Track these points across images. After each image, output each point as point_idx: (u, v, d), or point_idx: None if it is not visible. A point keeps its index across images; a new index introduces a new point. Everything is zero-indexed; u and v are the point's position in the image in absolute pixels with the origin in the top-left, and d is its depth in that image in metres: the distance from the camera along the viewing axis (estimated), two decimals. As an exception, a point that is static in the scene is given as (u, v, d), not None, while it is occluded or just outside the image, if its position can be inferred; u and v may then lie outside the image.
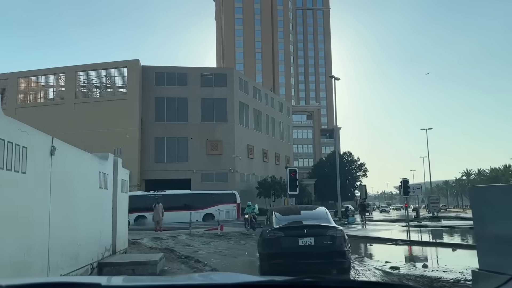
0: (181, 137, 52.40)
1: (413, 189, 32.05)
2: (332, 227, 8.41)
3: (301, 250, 7.88)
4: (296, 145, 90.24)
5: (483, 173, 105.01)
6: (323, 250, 7.93)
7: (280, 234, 8.18)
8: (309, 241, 7.94)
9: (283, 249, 7.98)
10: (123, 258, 9.41)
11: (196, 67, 55.51)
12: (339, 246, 8.00)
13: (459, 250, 13.11)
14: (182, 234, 17.53)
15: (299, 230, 8.23)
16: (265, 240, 8.37)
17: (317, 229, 8.25)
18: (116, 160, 10.04)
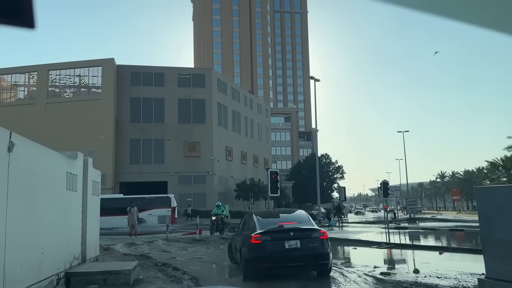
0: (158, 138, 51.22)
1: (392, 190, 32.11)
2: (316, 229, 8.55)
3: (287, 253, 7.93)
4: (274, 147, 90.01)
5: (457, 175, 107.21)
6: (308, 252, 8.04)
7: (266, 238, 8.13)
8: (295, 244, 8.00)
9: (270, 252, 7.96)
10: (94, 266, 8.60)
11: (174, 67, 54.49)
12: (323, 249, 8.18)
13: (446, 253, 12.80)
14: (158, 239, 16.69)
15: (286, 233, 8.23)
16: (251, 244, 8.21)
17: (302, 232, 8.32)
18: (86, 160, 9.22)
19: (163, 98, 51.91)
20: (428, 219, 46.84)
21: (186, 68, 57.51)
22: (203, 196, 50.44)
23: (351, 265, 10.23)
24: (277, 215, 10.43)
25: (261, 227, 8.48)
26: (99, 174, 10.43)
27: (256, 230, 8.48)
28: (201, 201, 49.80)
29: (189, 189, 51.02)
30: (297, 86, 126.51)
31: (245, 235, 9.12)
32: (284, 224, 8.71)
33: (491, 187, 6.27)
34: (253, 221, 9.03)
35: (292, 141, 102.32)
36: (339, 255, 13.43)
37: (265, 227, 8.46)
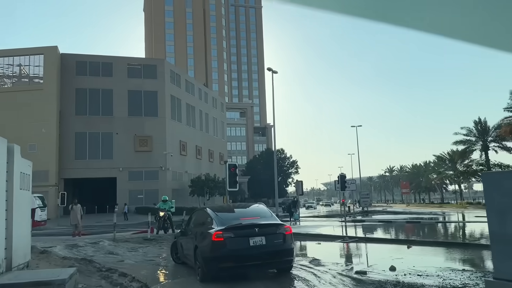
0: (106, 132, 48.42)
1: (348, 184, 31.98)
2: (281, 224, 8.03)
3: (252, 251, 7.39)
4: (229, 142, 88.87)
5: (405, 169, 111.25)
6: (273, 249, 7.56)
7: (229, 234, 7.43)
8: (260, 240, 7.47)
9: (233, 251, 7.34)
10: (20, 276, 7.07)
11: (123, 56, 51.58)
12: (288, 244, 7.76)
13: (413, 247, 12.29)
14: (105, 239, 15.05)
15: (250, 229, 7.60)
16: (212, 242, 7.47)
17: (267, 228, 7.75)
18: (11, 147, 7.62)
19: (111, 89, 49.10)
20: (380, 211, 47.75)
21: (137, 58, 54.77)
22: (155, 193, 48.26)
23: (320, 263, 9.34)
24: (236, 209, 9.62)
25: (222, 223, 7.74)
26: (30, 166, 8.80)
27: (215, 226, 7.74)
28: (153, 198, 47.61)
29: (140, 186, 48.75)
30: (252, 81, 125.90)
31: (201, 232, 8.23)
32: (246, 219, 8.05)
33: (503, 172, 5.42)
34: (210, 217, 8.29)
35: (247, 136, 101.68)
36: (305, 251, 12.55)
37: (226, 223, 7.74)
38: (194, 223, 9.31)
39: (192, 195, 51.10)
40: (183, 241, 9.52)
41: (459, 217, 28.67)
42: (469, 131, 49.86)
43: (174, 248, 10.40)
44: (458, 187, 65.17)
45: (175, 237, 10.93)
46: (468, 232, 17.46)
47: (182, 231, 9.96)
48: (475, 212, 35.00)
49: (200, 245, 7.92)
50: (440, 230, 19.31)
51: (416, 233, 17.90)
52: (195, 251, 8.07)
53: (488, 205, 4.59)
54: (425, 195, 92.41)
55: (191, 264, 8.60)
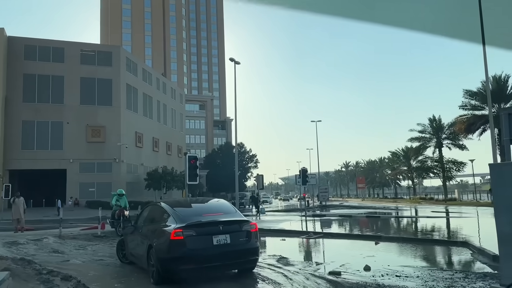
0: (56, 121, 45.57)
1: (309, 178, 31.79)
2: (246, 221, 7.38)
3: (216, 251, 6.71)
4: (188, 135, 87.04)
5: (360, 164, 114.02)
6: (238, 248, 6.97)
7: (190, 233, 6.66)
8: (225, 239, 6.81)
9: (195, 251, 6.59)
10: None
11: (76, 42, 48.66)
12: (253, 243, 7.18)
13: (381, 243, 11.90)
14: (50, 236, 13.63)
15: (214, 227, 6.90)
16: (170, 241, 6.66)
17: (232, 225, 7.11)
18: None
19: (63, 76, 46.22)
20: (337, 206, 48.28)
21: (91, 44, 51.85)
22: (108, 186, 46.05)
23: (289, 261, 8.66)
24: (195, 204, 8.88)
25: (181, 220, 6.94)
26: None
27: (173, 223, 6.95)
28: (106, 191, 45.47)
29: (92, 178, 46.37)
30: (212, 73, 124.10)
31: (155, 230, 7.40)
32: (208, 216, 7.29)
33: None
34: (166, 213, 7.46)
35: (207, 130, 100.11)
36: (270, 248, 11.82)
37: (186, 219, 6.94)
38: (146, 220, 8.32)
39: (148, 189, 49.30)
40: (132, 239, 8.57)
41: (417, 212, 29.16)
42: (424, 128, 51.27)
43: (120, 247, 9.44)
44: (411, 183, 67.16)
45: (121, 234, 9.92)
46: (430, 227, 17.49)
47: (131, 228, 8.93)
48: (430, 207, 35.92)
49: (155, 245, 7.05)
50: (403, 225, 19.31)
51: (380, 228, 17.74)
52: (149, 251, 7.21)
53: (497, 201, 4.02)
54: (379, 190, 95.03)
55: (141, 265, 7.76)
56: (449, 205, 38.15)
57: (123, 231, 9.79)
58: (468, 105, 38.03)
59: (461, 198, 50.77)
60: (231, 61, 30.81)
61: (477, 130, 36.73)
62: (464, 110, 38.51)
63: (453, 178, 52.90)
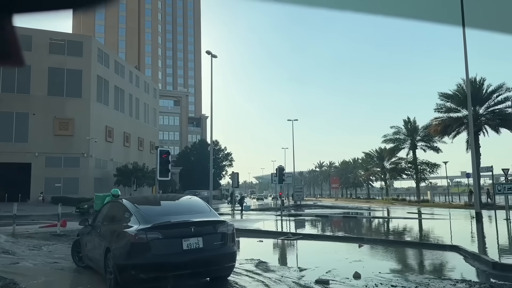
0: (20, 112, 43.17)
1: (285, 177, 31.10)
2: (223, 222, 6.49)
3: (186, 257, 5.76)
4: (161, 131, 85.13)
5: (334, 165, 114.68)
6: (212, 253, 6.07)
7: (156, 235, 5.70)
8: (197, 242, 5.88)
9: (161, 256, 5.67)
10: None
11: (45, 30, 46.17)
12: (230, 247, 6.30)
13: (364, 245, 11.17)
14: (2, 234, 12.27)
15: (184, 228, 5.95)
16: (131, 244, 5.68)
17: (206, 226, 6.20)
18: None
19: (29, 65, 43.74)
20: (311, 205, 47.95)
21: (61, 33, 49.43)
22: (75, 181, 44.12)
23: (269, 267, 7.76)
24: (164, 202, 7.75)
25: (146, 220, 5.95)
26: None
27: (135, 224, 5.95)
28: (73, 186, 43.51)
29: (59, 173, 44.19)
30: (188, 69, 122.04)
31: (114, 231, 6.41)
32: (177, 215, 6.36)
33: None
34: (128, 211, 6.45)
35: (181, 126, 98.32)
36: (246, 250, 10.87)
37: (151, 220, 5.97)
38: (104, 218, 7.25)
39: (117, 185, 47.33)
40: (89, 240, 7.50)
41: (392, 213, 28.90)
42: (399, 130, 51.57)
43: (76, 248, 8.37)
44: (384, 184, 67.67)
45: (78, 234, 8.75)
46: (411, 229, 17.00)
47: (88, 228, 7.83)
48: (404, 208, 35.88)
49: (113, 248, 6.03)
50: (383, 227, 18.78)
51: (360, 230, 17.11)
52: (106, 255, 6.22)
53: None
54: (352, 191, 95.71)
55: (99, 270, 6.77)
56: (423, 207, 38.31)
57: (79, 231, 8.66)
58: (444, 107, 38.24)
59: (433, 200, 51.36)
60: (208, 53, 29.74)
61: (452, 132, 36.94)
62: (439, 113, 38.71)
63: (426, 180, 53.39)
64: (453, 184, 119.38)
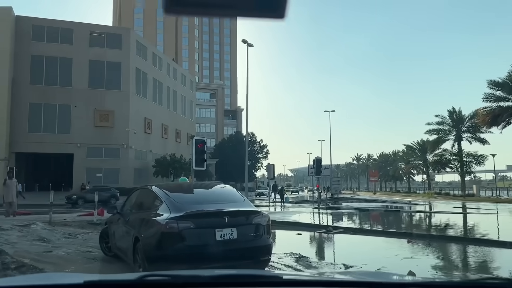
0: (63, 104, 44.46)
1: (323, 169, 30.30)
2: (257, 212, 6.07)
3: (219, 248, 5.39)
4: (198, 124, 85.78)
5: (372, 157, 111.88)
6: (247, 245, 5.70)
7: (187, 224, 5.35)
8: (231, 233, 5.53)
9: (193, 247, 5.33)
10: None
11: (85, 23, 47.33)
12: (265, 239, 5.89)
13: (414, 241, 10.32)
14: (39, 222, 12.33)
15: (217, 218, 5.61)
16: (162, 234, 5.34)
17: (240, 217, 5.85)
18: None
19: (71, 58, 44.98)
20: (349, 199, 46.86)
21: (101, 26, 50.41)
22: (116, 172, 45.08)
23: (311, 262, 7.18)
24: (196, 190, 7.24)
25: (177, 209, 5.57)
26: None
27: (166, 212, 5.59)
28: (113, 177, 44.44)
29: (100, 164, 45.31)
30: (224, 62, 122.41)
31: (143, 219, 6.07)
32: (210, 204, 6.01)
33: None
34: (159, 198, 6.08)
35: (217, 119, 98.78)
36: (285, 244, 10.31)
37: (183, 208, 5.59)
38: (133, 206, 6.89)
39: (156, 176, 48.19)
40: (117, 229, 7.19)
41: (438, 207, 27.45)
42: (443, 120, 49.19)
43: (104, 236, 8.12)
44: (426, 177, 65.13)
45: (106, 222, 8.51)
46: (460, 224, 15.86)
47: (116, 216, 7.51)
48: (448, 203, 34.15)
49: (143, 237, 5.70)
50: (430, 221, 17.66)
51: (405, 224, 16.15)
52: (135, 245, 5.88)
53: None
54: (392, 184, 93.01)
55: (127, 260, 6.45)
56: (469, 201, 36.34)
57: (108, 219, 8.43)
58: (493, 96, 36.02)
59: (479, 194, 48.76)
60: (244, 42, 29.29)
61: (502, 122, 34.72)
62: (488, 102, 36.47)
63: (472, 173, 50.72)
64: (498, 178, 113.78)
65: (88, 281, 1.45)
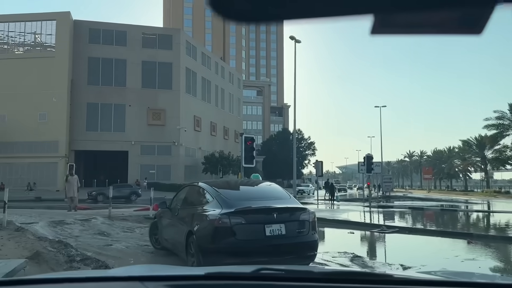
0: (118, 103, 46.48)
1: (374, 166, 29.50)
2: (303, 209, 6.37)
3: (268, 243, 5.72)
4: (245, 121, 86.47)
5: (426, 154, 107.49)
6: (294, 240, 5.98)
7: (239, 220, 5.67)
8: (279, 229, 5.80)
9: (244, 242, 5.67)
10: None
11: (138, 25, 49.10)
12: (311, 235, 6.14)
13: (474, 242, 9.79)
14: (99, 216, 12.98)
15: (266, 214, 5.89)
16: (215, 228, 5.69)
17: (288, 213, 6.12)
18: None
19: (125, 59, 46.91)
20: (401, 197, 45.26)
21: (152, 27, 52.19)
22: (167, 168, 46.55)
23: (366, 263, 7.03)
24: (243, 187, 7.70)
25: (228, 205, 5.93)
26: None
27: (217, 208, 5.95)
28: (165, 173, 45.91)
29: (153, 160, 47.01)
30: (270, 59, 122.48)
31: (195, 214, 6.40)
32: (259, 201, 6.34)
33: None
34: (209, 195, 6.45)
35: (264, 116, 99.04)
36: (337, 243, 10.16)
37: (233, 204, 5.94)
38: (183, 202, 7.26)
39: (205, 173, 49.22)
40: (166, 223, 7.64)
41: (499, 207, 25.87)
42: (502, 114, 46.34)
43: (153, 229, 8.54)
44: (484, 175, 61.65)
45: (154, 216, 9.00)
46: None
47: (165, 211, 7.96)
48: (509, 202, 32.14)
49: (197, 231, 6.02)
50: (490, 221, 16.67)
51: (463, 224, 15.37)
52: (188, 238, 6.26)
53: None
54: (447, 182, 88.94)
55: (176, 252, 7.01)
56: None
57: (156, 213, 8.88)
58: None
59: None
60: (291, 39, 29.09)
61: None
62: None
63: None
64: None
65: (209, 272, 1.55)
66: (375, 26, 0.70)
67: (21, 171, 43.72)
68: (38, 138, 43.20)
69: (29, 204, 24.05)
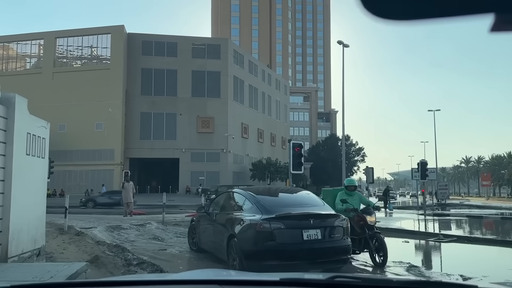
0: (170, 112, 48.02)
1: (429, 172, 28.28)
2: (337, 215, 6.85)
3: (305, 247, 6.20)
4: (291, 127, 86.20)
5: (483, 160, 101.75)
6: (329, 245, 6.42)
7: (278, 225, 6.14)
8: (315, 234, 6.28)
9: (284, 245, 6.11)
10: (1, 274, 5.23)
11: (187, 36, 50.72)
12: (344, 240, 6.62)
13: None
14: (153, 221, 13.42)
15: (303, 220, 6.38)
16: (256, 232, 6.18)
17: (324, 219, 6.58)
18: (11, 98, 5.80)
19: (176, 70, 48.44)
20: (458, 205, 43.05)
21: (201, 38, 53.63)
22: (216, 175, 47.32)
23: (423, 273, 6.78)
24: (280, 194, 8.26)
25: (267, 211, 6.40)
26: (45, 126, 6.97)
27: (257, 213, 6.43)
28: (214, 179, 46.70)
29: (202, 167, 47.99)
30: (317, 65, 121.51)
31: (236, 219, 6.84)
32: (296, 207, 6.83)
33: None
34: (249, 201, 6.95)
35: (311, 122, 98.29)
36: (392, 252, 9.74)
37: (273, 210, 6.41)
38: (222, 207, 7.71)
39: (253, 179, 49.53)
40: (206, 227, 8.06)
41: None
42: None
43: (191, 232, 9.09)
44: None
45: (192, 220, 9.52)
46: None
47: (203, 215, 8.44)
48: None
49: (238, 235, 6.45)
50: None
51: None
52: (229, 241, 6.68)
53: None
54: (508, 189, 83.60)
55: (216, 254, 7.48)
56: None
57: (194, 218, 9.32)
58: None
59: None
60: (339, 43, 28.77)
61: None
62: None
63: None
64: None
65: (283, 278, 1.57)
66: (496, 24, 0.69)
67: (79, 178, 46.20)
68: (95, 146, 45.50)
69: (87, 210, 25.36)
